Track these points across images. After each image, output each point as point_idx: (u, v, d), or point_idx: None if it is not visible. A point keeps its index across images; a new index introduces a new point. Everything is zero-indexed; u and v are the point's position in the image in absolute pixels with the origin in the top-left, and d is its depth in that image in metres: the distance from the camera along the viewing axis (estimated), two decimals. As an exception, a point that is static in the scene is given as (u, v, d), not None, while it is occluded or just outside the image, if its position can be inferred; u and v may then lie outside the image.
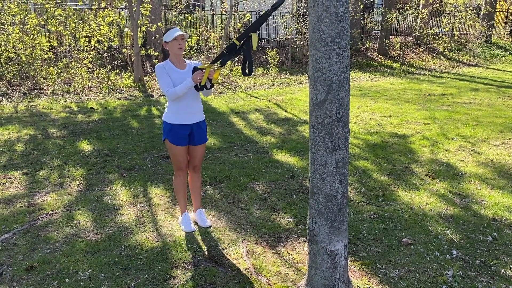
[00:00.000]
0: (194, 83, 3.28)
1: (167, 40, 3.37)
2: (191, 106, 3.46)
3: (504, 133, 6.59)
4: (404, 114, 7.92)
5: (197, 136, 3.54)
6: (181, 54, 3.42)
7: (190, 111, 3.46)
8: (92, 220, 3.81)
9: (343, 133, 2.37)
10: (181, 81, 3.35)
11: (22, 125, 6.94)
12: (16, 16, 10.24)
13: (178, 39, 3.34)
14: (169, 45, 3.37)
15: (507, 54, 18.08)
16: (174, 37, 3.31)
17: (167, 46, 3.40)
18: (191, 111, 3.46)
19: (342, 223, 2.50)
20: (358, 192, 4.47)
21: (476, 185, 4.62)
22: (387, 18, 16.09)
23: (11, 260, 3.19)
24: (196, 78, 3.26)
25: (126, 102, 9.05)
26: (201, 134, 3.57)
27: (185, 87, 3.29)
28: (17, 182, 4.67)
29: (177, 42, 3.35)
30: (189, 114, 3.46)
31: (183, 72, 3.41)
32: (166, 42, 3.39)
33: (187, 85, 3.28)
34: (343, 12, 2.22)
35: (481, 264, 3.17)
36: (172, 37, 3.32)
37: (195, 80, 3.27)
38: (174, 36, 3.31)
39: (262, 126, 7.14)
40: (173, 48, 3.37)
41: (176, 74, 3.38)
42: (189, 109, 3.45)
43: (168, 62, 3.42)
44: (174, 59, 3.42)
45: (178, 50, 3.37)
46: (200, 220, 3.74)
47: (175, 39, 3.33)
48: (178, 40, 3.34)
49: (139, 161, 5.33)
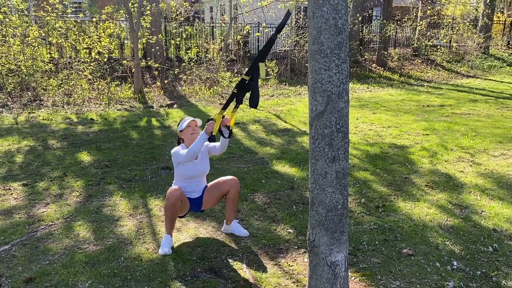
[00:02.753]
0: (207, 134, 3.31)
1: (181, 129, 3.57)
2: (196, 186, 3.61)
3: (503, 144, 6.61)
4: (403, 125, 7.94)
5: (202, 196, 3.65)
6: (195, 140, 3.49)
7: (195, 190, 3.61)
8: (92, 231, 3.80)
9: (343, 144, 2.38)
10: (194, 167, 3.51)
11: (22, 136, 6.95)
12: (17, 28, 10.32)
13: (191, 126, 3.53)
14: (184, 133, 3.56)
15: (504, 66, 18.19)
16: (187, 124, 3.52)
17: (181, 135, 3.59)
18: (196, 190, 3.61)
19: (343, 234, 2.50)
20: (358, 202, 4.47)
21: (476, 196, 4.62)
22: (386, 30, 16.22)
23: (10, 271, 3.18)
24: (208, 129, 3.30)
25: (126, 113, 9.07)
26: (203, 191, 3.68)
27: (200, 142, 3.31)
28: (16, 193, 4.66)
29: (191, 128, 3.53)
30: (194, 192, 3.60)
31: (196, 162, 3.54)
32: (180, 131, 3.58)
33: (201, 139, 3.31)
34: (342, 24, 2.24)
35: (482, 275, 3.16)
36: (185, 125, 3.53)
37: (207, 131, 3.29)
38: (187, 123, 3.52)
39: (261, 137, 7.16)
40: (187, 135, 3.54)
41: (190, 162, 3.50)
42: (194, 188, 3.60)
43: (183, 145, 3.55)
44: (189, 145, 3.52)
45: (191, 135, 3.50)
46: (238, 231, 3.76)
47: (188, 126, 3.53)
48: (192, 126, 3.54)
49: (139, 172, 5.33)
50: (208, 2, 25.48)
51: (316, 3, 2.24)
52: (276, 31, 2.76)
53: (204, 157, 3.62)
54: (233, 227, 3.76)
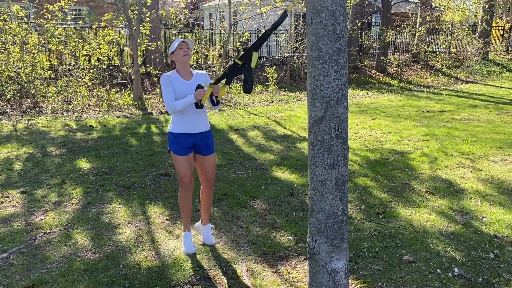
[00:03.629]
0: (196, 100, 3.28)
1: (172, 51, 3.41)
2: (195, 117, 3.44)
3: (503, 149, 6.59)
4: (403, 131, 7.93)
5: (204, 146, 3.51)
6: (187, 62, 3.42)
7: (194, 121, 3.44)
8: (90, 239, 3.77)
9: (342, 150, 2.36)
10: (186, 92, 3.34)
11: (21, 144, 6.94)
12: (17, 35, 10.33)
13: (183, 47, 3.37)
14: (175, 55, 3.40)
15: (504, 71, 18.22)
16: (178, 45, 3.35)
17: (173, 57, 3.43)
18: (195, 120, 3.44)
19: (343, 241, 2.48)
20: (358, 209, 4.45)
21: (477, 202, 4.60)
22: (385, 36, 16.26)
23: (7, 280, 3.15)
24: (198, 96, 3.26)
25: (125, 120, 9.07)
26: (208, 145, 3.54)
27: (185, 103, 3.28)
28: (15, 200, 4.64)
29: (182, 50, 3.37)
30: (192, 124, 3.44)
31: (188, 83, 3.39)
32: (171, 54, 3.43)
33: (188, 101, 3.27)
34: (340, 30, 2.24)
35: (483, 282, 3.13)
36: (176, 46, 3.36)
37: (197, 98, 3.26)
38: (177, 44, 3.35)
39: (261, 143, 7.14)
40: (178, 57, 3.38)
41: (182, 84, 3.37)
42: (193, 119, 3.43)
43: (175, 72, 3.43)
44: (181, 69, 3.43)
45: (183, 57, 3.37)
46: (206, 236, 3.70)
47: (179, 48, 3.37)
48: (183, 48, 3.37)
49: (138, 179, 5.31)
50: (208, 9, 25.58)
51: (314, 9, 2.24)
52: (272, 28, 2.75)
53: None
54: (205, 230, 3.74)
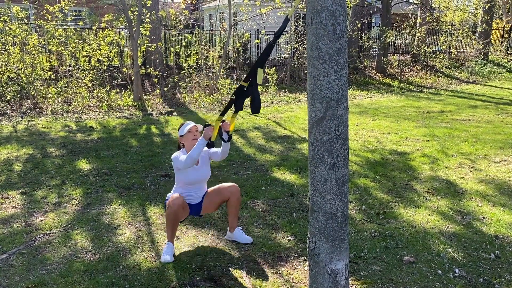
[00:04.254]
0: (205, 140, 3.28)
1: (181, 134, 3.53)
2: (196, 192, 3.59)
3: (503, 150, 6.58)
4: (403, 131, 7.93)
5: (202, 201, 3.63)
6: None
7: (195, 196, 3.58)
8: (90, 240, 3.77)
9: (342, 150, 2.36)
10: (195, 173, 3.49)
11: (21, 145, 6.93)
12: (17, 36, 10.34)
13: (192, 131, 3.50)
14: (184, 138, 3.52)
15: (504, 72, 18.22)
16: (188, 129, 3.49)
17: (182, 140, 3.55)
18: (196, 196, 3.59)
19: (343, 241, 2.47)
20: (358, 210, 4.44)
21: (477, 202, 4.59)
22: (385, 37, 16.26)
23: (7, 281, 3.14)
24: (207, 134, 3.27)
25: (125, 121, 9.06)
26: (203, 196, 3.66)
27: (198, 148, 3.28)
28: (14, 201, 4.64)
29: (192, 134, 3.50)
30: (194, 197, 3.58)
31: (196, 168, 3.53)
32: (181, 137, 3.55)
33: (200, 145, 3.28)
34: (340, 30, 2.23)
35: (484, 282, 3.13)
36: (186, 130, 3.49)
37: (206, 137, 3.27)
38: (187, 129, 3.49)
39: (261, 144, 7.14)
40: (188, 140, 3.50)
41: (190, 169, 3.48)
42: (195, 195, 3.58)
43: (184, 151, 3.52)
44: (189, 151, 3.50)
45: (192, 141, 3.46)
46: (242, 238, 3.73)
47: (189, 132, 3.50)
48: (193, 132, 3.51)
49: (138, 180, 5.31)
50: (208, 10, 25.60)
51: (314, 10, 2.23)
52: (274, 37, 2.74)
53: (205, 163, 3.60)
54: (236, 235, 3.73)
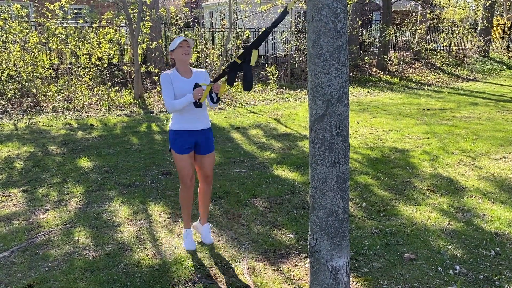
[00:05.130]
0: (194, 99, 3.27)
1: (172, 49, 3.41)
2: (195, 113, 3.44)
3: (504, 147, 6.58)
4: (404, 129, 7.93)
5: (203, 145, 3.51)
6: (187, 61, 3.43)
7: (194, 117, 3.44)
8: (91, 238, 3.78)
9: (343, 148, 2.36)
10: (185, 90, 3.35)
11: (22, 143, 6.94)
12: (18, 34, 10.33)
13: (183, 46, 3.37)
14: (175, 53, 3.40)
15: (504, 69, 18.19)
16: (179, 44, 3.35)
17: (173, 55, 3.43)
18: (195, 117, 3.45)
19: (344, 238, 2.48)
20: (359, 207, 4.45)
21: (478, 199, 4.60)
22: (385, 34, 16.23)
23: (9, 278, 3.15)
24: (197, 95, 3.25)
25: (126, 119, 9.07)
26: (208, 143, 3.54)
27: (184, 102, 3.28)
28: (16, 199, 4.65)
29: (182, 49, 3.37)
30: (193, 120, 3.44)
31: (188, 81, 3.40)
32: (172, 51, 3.42)
33: (186, 101, 3.28)
34: (341, 28, 2.23)
35: (484, 279, 3.14)
36: (176, 44, 3.36)
37: (195, 97, 3.26)
38: (178, 43, 3.35)
39: (262, 141, 7.14)
40: (178, 55, 3.39)
41: (181, 83, 3.38)
42: (193, 116, 3.44)
43: (174, 70, 3.43)
44: (180, 67, 3.44)
45: (183, 56, 3.38)
46: (204, 235, 3.70)
47: (180, 46, 3.37)
48: (184, 46, 3.37)
49: (139, 177, 5.32)
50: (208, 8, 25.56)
51: (315, 7, 2.23)
52: (272, 26, 2.74)
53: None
54: (204, 229, 3.73)
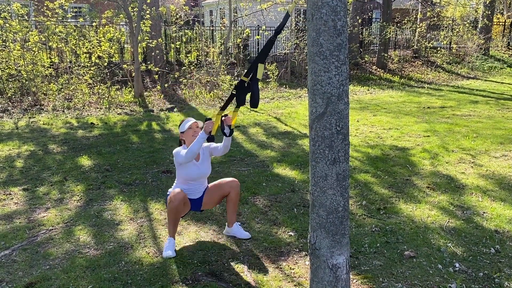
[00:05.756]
0: (206, 134, 3.28)
1: (182, 131, 3.55)
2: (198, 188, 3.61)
3: (504, 145, 6.59)
4: (404, 127, 7.93)
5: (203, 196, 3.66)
6: None
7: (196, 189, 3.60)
8: (92, 236, 3.79)
9: (343, 146, 2.37)
10: (196, 169, 3.50)
11: (23, 141, 6.95)
12: (18, 33, 10.33)
13: (192, 127, 3.52)
14: (185, 134, 3.54)
15: (505, 67, 18.19)
16: (189, 126, 3.51)
17: (183, 136, 3.56)
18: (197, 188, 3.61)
19: (344, 236, 2.49)
20: (359, 205, 4.45)
21: (478, 197, 4.61)
22: (385, 32, 16.22)
23: (10, 276, 3.17)
24: (207, 128, 3.28)
25: (126, 117, 9.07)
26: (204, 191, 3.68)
27: (199, 141, 3.29)
28: (17, 198, 4.66)
29: (192, 130, 3.52)
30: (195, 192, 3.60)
31: (197, 164, 3.55)
32: (182, 133, 3.56)
33: (200, 139, 3.29)
34: (341, 26, 2.24)
35: (484, 277, 3.15)
36: (187, 126, 3.51)
37: (206, 130, 3.27)
38: (188, 125, 3.51)
39: (262, 140, 7.15)
40: (188, 136, 3.52)
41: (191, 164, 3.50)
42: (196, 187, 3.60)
43: (185, 146, 3.53)
44: None
45: (193, 138, 3.48)
46: (240, 234, 3.75)
47: (190, 128, 3.52)
48: (193, 128, 3.53)
49: (139, 176, 5.33)
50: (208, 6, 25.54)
51: (315, 5, 2.24)
52: (275, 33, 2.75)
53: (206, 159, 3.61)
54: (234, 230, 3.75)
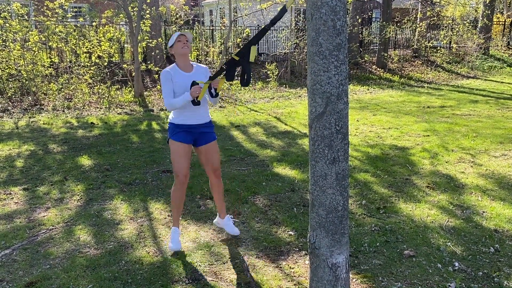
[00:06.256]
0: (192, 97, 3.26)
1: (171, 45, 3.40)
2: (195, 110, 3.43)
3: (504, 144, 6.60)
4: (404, 126, 7.94)
5: (204, 135, 3.51)
6: (186, 54, 3.41)
7: (194, 114, 3.44)
8: (92, 235, 3.80)
9: (342, 145, 2.37)
10: (187, 84, 3.33)
11: (23, 141, 6.95)
12: (18, 33, 10.34)
13: (181, 40, 3.36)
14: (174, 48, 3.39)
15: (505, 66, 18.19)
16: (177, 38, 3.35)
17: (172, 51, 3.42)
18: (196, 113, 3.44)
19: (343, 235, 2.49)
20: (359, 204, 4.46)
21: (477, 197, 4.61)
22: (385, 32, 16.23)
23: (10, 276, 3.17)
24: (194, 93, 3.24)
25: (126, 117, 9.08)
26: (209, 133, 3.53)
27: (183, 100, 3.28)
28: (17, 197, 4.66)
29: (181, 43, 3.36)
30: (193, 116, 3.44)
31: (189, 75, 3.39)
32: (171, 47, 3.42)
33: (184, 99, 3.27)
34: (340, 26, 2.24)
35: (483, 276, 3.15)
36: (174, 39, 3.35)
37: (192, 95, 3.25)
38: (176, 37, 3.35)
39: (262, 139, 7.16)
40: (178, 49, 3.37)
41: (182, 77, 3.37)
42: (193, 112, 3.43)
43: (174, 65, 3.42)
44: (180, 62, 3.43)
45: (182, 50, 3.36)
46: (229, 228, 3.73)
47: (178, 41, 3.36)
48: (182, 40, 3.37)
49: (140, 175, 5.33)
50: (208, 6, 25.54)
51: (314, 5, 2.24)
52: (270, 23, 2.74)
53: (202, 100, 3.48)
54: (225, 222, 3.75)
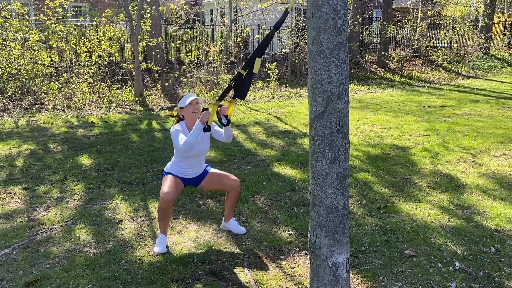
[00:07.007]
0: (202, 124, 3.24)
1: (182, 106, 3.47)
2: (195, 168, 3.58)
3: (504, 144, 6.59)
4: (404, 126, 7.93)
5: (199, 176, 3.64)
6: (196, 119, 3.44)
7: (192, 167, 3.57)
8: (92, 235, 3.79)
9: (343, 144, 2.36)
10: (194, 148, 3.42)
11: (23, 140, 6.95)
12: (18, 32, 10.33)
13: (193, 103, 3.45)
14: (184, 110, 3.47)
15: (505, 66, 18.17)
16: (189, 101, 3.43)
17: (182, 112, 3.50)
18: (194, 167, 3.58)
19: (344, 235, 2.49)
20: (359, 204, 4.45)
21: (478, 196, 4.61)
22: (386, 31, 16.21)
23: (10, 275, 3.17)
24: (204, 118, 3.23)
25: (126, 117, 9.08)
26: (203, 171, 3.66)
27: (195, 133, 3.24)
28: (17, 197, 4.66)
29: (192, 107, 3.45)
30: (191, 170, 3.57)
31: None
32: (181, 108, 3.49)
33: (197, 130, 3.24)
34: (341, 25, 2.24)
35: (484, 276, 3.15)
36: (187, 102, 3.43)
37: (202, 121, 3.23)
38: (189, 101, 3.43)
39: (262, 139, 7.15)
40: (189, 113, 3.46)
41: None
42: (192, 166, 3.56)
43: (183, 124, 3.49)
44: (189, 124, 3.48)
45: (193, 114, 3.44)
46: (236, 229, 3.79)
47: (190, 104, 3.44)
48: (193, 104, 3.45)
49: (140, 175, 5.33)
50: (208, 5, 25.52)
51: (315, 4, 2.23)
52: (273, 29, 2.75)
53: (205, 139, 3.53)
54: (230, 224, 3.80)
